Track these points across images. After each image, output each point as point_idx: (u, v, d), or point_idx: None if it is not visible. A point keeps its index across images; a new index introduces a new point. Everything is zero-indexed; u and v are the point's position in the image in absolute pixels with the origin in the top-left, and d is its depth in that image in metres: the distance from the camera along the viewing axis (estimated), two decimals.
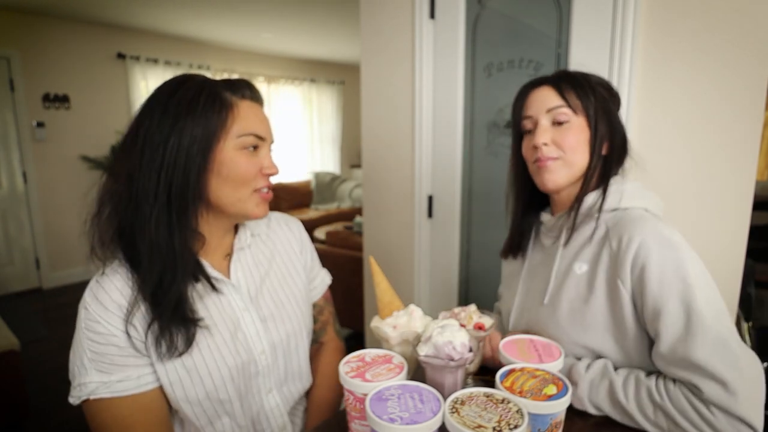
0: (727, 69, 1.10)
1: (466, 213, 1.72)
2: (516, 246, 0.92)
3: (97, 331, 0.67)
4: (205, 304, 0.74)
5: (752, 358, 0.62)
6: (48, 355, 2.73)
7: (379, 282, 0.76)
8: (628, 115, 1.24)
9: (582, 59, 1.31)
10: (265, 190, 0.76)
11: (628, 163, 0.82)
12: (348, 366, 0.61)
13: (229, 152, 0.70)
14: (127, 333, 0.67)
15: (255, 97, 0.77)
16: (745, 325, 1.96)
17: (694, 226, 1.20)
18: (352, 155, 6.56)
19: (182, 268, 0.68)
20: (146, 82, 4.27)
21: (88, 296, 0.69)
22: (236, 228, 0.83)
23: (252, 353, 0.77)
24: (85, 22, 3.86)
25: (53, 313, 3.39)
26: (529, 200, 0.89)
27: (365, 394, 0.55)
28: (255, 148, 0.73)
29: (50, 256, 3.90)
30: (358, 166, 6.52)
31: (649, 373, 0.69)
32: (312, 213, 5.03)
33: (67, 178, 3.92)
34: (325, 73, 5.99)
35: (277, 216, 0.93)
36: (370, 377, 0.58)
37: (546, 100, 0.78)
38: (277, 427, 0.82)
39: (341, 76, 6.16)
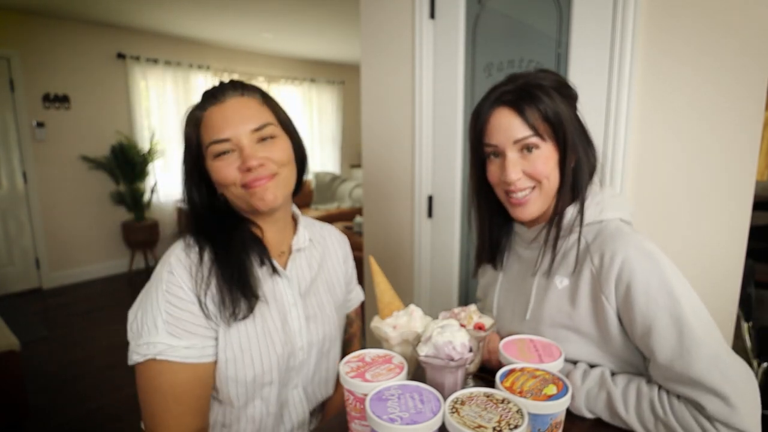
0: (727, 69, 1.10)
1: (466, 213, 1.71)
2: (492, 258, 0.90)
3: (178, 296, 0.71)
4: (263, 291, 0.79)
5: (744, 368, 0.62)
6: (48, 355, 2.73)
7: (379, 282, 0.76)
8: (628, 115, 1.24)
9: (582, 59, 1.31)
10: (254, 179, 0.74)
11: (598, 167, 0.79)
12: (348, 366, 0.61)
13: (210, 162, 0.76)
14: (203, 301, 0.72)
15: (220, 96, 0.75)
16: (745, 325, 1.96)
17: (694, 226, 1.20)
18: (352, 155, 6.56)
19: (240, 242, 0.77)
20: (146, 82, 4.27)
21: (174, 261, 0.73)
22: (295, 229, 0.89)
23: (294, 347, 0.81)
24: (85, 22, 3.86)
25: (53, 313, 3.39)
26: (497, 213, 0.85)
27: (365, 394, 0.55)
28: (225, 153, 0.74)
29: (50, 256, 3.90)
30: (358, 166, 6.52)
31: (648, 380, 0.68)
32: (312, 213, 5.01)
33: (67, 178, 3.92)
34: (325, 73, 5.98)
35: (329, 228, 1.01)
36: (370, 377, 0.58)
37: (511, 129, 0.73)
38: (298, 422, 0.86)
39: (341, 76, 6.15)
